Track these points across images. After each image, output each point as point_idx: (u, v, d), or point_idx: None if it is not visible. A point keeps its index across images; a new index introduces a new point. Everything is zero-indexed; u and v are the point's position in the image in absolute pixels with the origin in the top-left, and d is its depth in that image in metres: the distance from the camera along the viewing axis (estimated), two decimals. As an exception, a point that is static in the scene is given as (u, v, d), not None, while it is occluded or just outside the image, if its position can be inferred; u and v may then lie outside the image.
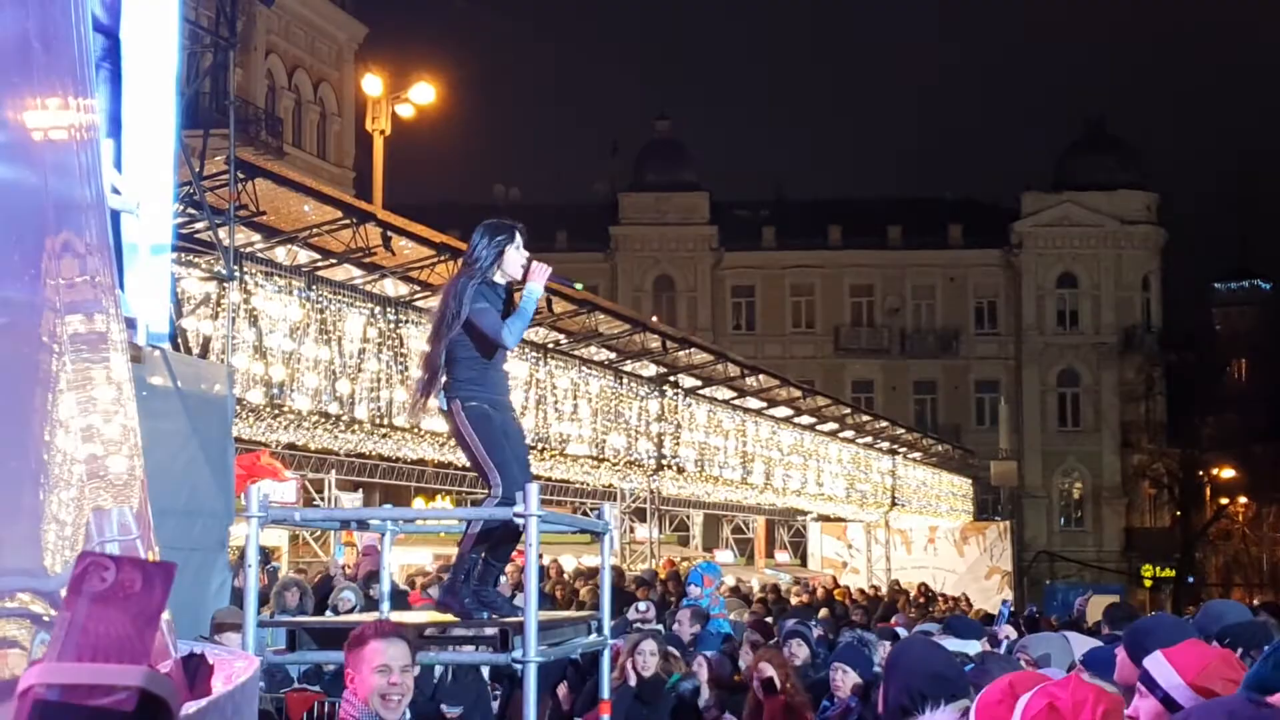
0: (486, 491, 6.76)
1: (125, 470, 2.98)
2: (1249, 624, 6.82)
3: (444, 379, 6.65)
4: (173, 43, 11.48)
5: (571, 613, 8.04)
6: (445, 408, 6.69)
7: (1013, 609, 16.44)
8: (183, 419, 12.18)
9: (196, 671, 3.19)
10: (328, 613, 13.32)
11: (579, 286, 7.61)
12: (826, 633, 13.12)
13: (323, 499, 23.55)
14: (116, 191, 10.34)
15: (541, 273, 6.83)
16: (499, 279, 6.82)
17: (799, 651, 10.28)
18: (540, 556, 6.28)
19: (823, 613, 20.75)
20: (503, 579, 8.97)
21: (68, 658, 1.95)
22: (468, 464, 6.94)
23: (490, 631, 6.23)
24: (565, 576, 24.34)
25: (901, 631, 11.54)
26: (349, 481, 24.98)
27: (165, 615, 3.19)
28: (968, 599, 35.15)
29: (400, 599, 13.24)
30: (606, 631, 7.29)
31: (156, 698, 1.96)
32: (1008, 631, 11.67)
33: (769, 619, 18.62)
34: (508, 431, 6.84)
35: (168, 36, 11.39)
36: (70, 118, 2.41)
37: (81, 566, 2.00)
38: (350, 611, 12.95)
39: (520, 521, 6.19)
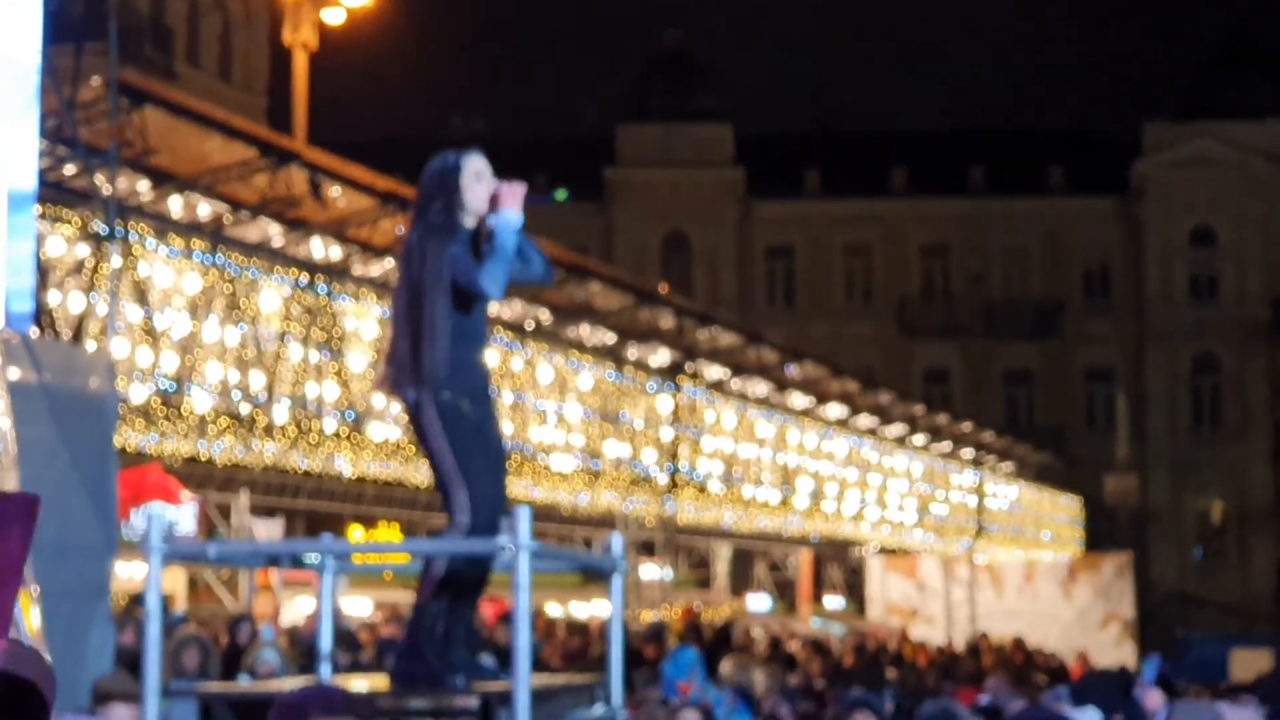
0: (449, 518, 6.72)
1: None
2: None
3: (411, 362, 6.62)
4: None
5: (571, 677, 8.02)
6: (411, 400, 6.64)
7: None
8: (49, 424, 12.13)
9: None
10: (242, 677, 13.33)
11: (561, 196, 7.40)
12: (900, 703, 13.09)
13: (230, 527, 23.53)
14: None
15: (514, 194, 6.80)
16: (464, 220, 6.79)
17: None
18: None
19: (890, 673, 20.76)
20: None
21: None
22: (422, 482, 6.94)
23: (468, 703, 6.19)
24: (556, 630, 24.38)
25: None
26: (265, 505, 24.96)
27: (47, 655, 3.13)
28: (1086, 659, 35.17)
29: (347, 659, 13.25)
30: (618, 701, 7.25)
31: (22, 681, 1.89)
32: (1155, 699, 11.47)
33: (819, 682, 18.66)
34: (485, 434, 6.80)
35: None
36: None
37: None
38: (271, 677, 12.96)
39: (506, 555, 6.14)
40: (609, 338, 27.53)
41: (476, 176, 6.84)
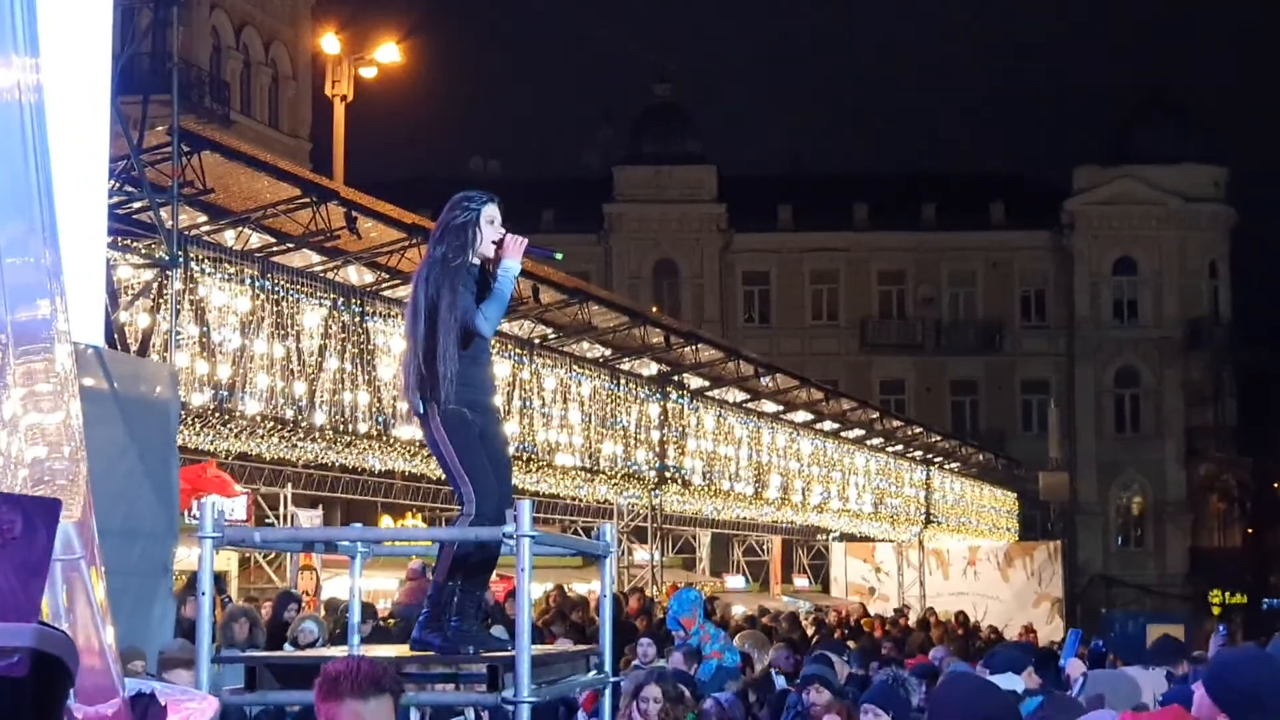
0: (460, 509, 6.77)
1: (67, 475, 2.98)
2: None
3: (421, 379, 6.67)
4: (107, -4, 11.48)
5: (567, 646, 8.04)
6: (421, 411, 6.70)
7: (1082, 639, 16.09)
8: (119, 426, 12.18)
9: (146, 713, 3.16)
10: (286, 646, 13.33)
11: (559, 256, 7.51)
12: (857, 668, 13.08)
13: (276, 516, 23.53)
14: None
15: (517, 246, 6.83)
16: (473, 260, 6.82)
17: (818, 699, 10.29)
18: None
19: (850, 644, 20.72)
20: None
21: None
22: (443, 476, 6.98)
23: (477, 669, 6.22)
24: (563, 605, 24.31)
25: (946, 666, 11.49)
26: (307, 496, 24.95)
27: (110, 640, 3.17)
28: (1032, 631, 35.20)
29: (377, 632, 13.25)
30: (608, 668, 7.28)
31: (51, 658, 1.91)
32: (1076, 667, 11.47)
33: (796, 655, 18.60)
34: (487, 438, 6.84)
35: (102, -11, 11.38)
36: (11, 76, 2.38)
37: None
38: (312, 645, 12.96)
39: (510, 543, 6.18)
40: (606, 352, 27.53)
41: (490, 222, 6.88)
